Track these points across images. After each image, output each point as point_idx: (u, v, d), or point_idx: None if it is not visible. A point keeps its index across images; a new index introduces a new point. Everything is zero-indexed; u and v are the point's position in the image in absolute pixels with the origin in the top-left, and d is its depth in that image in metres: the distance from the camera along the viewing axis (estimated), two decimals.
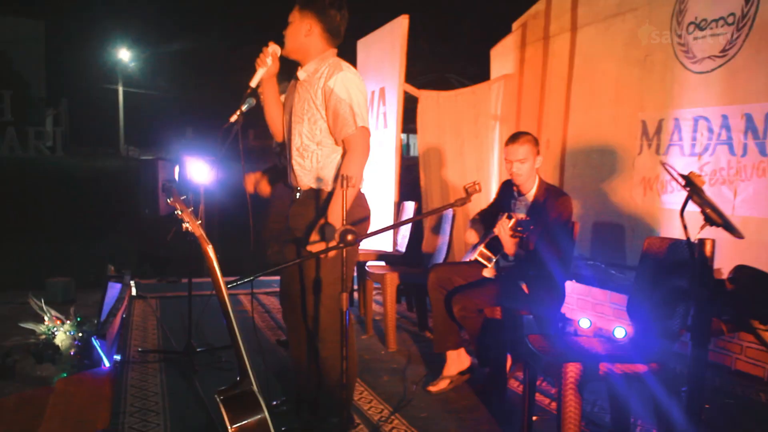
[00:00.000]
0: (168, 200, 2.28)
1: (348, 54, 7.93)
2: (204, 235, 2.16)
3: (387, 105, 7.07)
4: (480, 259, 3.81)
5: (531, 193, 3.76)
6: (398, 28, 6.75)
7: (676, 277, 2.62)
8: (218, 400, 1.99)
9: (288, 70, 3.29)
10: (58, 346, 4.12)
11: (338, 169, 2.98)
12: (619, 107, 5.41)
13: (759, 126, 4.22)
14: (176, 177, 9.08)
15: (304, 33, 3.00)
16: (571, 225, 3.71)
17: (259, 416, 1.97)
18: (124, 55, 17.53)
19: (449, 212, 4.91)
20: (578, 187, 5.87)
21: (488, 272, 3.81)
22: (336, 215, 2.77)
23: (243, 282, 2.30)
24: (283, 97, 3.31)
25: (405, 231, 5.75)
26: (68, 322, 4.27)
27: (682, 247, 2.71)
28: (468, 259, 3.92)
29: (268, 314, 5.74)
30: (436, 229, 5.09)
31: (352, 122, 2.91)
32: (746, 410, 3.49)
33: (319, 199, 3.05)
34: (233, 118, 4.08)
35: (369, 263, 5.40)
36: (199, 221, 2.18)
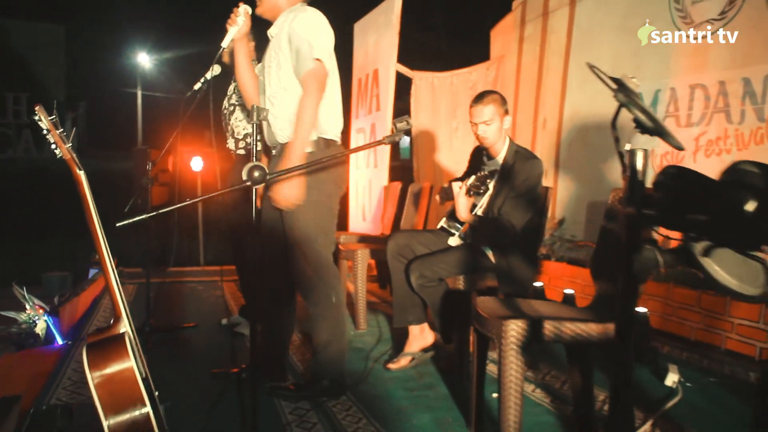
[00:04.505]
0: None
1: (346, 40, 7.75)
2: (74, 159, 1.91)
3: (380, 87, 6.83)
4: (446, 226, 3.51)
5: (501, 156, 3.45)
6: (392, 5, 6.53)
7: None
8: (84, 345, 1.74)
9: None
10: (38, 335, 4.10)
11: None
12: None
13: (757, 90, 3.90)
14: (170, 167, 8.94)
15: None
16: (543, 191, 3.40)
17: (125, 365, 1.71)
18: (143, 58, 17.73)
19: (425, 186, 4.62)
20: (574, 167, 5.57)
21: (454, 241, 3.51)
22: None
23: (136, 220, 2.04)
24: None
25: (367, 203, 5.52)
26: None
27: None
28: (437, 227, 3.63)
29: None
30: (415, 205, 4.80)
31: (310, 57, 2.84)
32: (731, 389, 3.17)
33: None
34: (197, 86, 4.02)
35: (343, 242, 5.13)
36: (69, 145, 1.93)
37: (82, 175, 1.88)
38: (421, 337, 3.54)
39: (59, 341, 4.08)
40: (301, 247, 2.93)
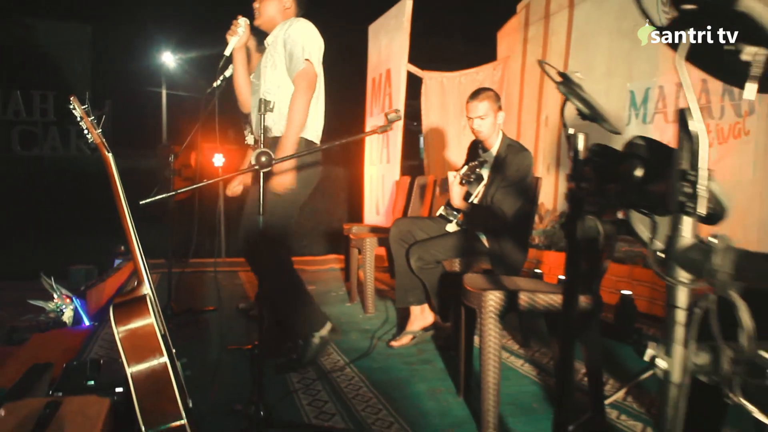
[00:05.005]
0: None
1: (361, 42, 8.03)
2: (104, 143, 2.19)
3: (392, 86, 7.11)
4: (444, 214, 3.80)
5: (494, 149, 3.74)
6: (403, 8, 6.80)
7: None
8: (111, 306, 2.04)
9: None
10: (65, 323, 4.33)
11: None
12: (611, 79, 5.36)
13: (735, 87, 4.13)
14: (192, 163, 9.24)
15: (284, 7, 3.35)
16: (533, 181, 3.66)
17: (146, 322, 2.01)
18: (168, 58, 17.96)
19: (430, 179, 4.90)
20: None
21: (452, 227, 3.79)
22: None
23: (159, 198, 2.35)
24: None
25: (380, 197, 5.81)
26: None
27: None
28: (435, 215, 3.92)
29: None
30: (420, 197, 5.09)
31: (302, 58, 3.14)
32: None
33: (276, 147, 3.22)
34: (216, 83, 4.28)
35: (354, 232, 5.43)
36: (99, 130, 2.22)
37: (110, 156, 2.17)
38: (421, 317, 3.83)
39: (86, 323, 4.39)
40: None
